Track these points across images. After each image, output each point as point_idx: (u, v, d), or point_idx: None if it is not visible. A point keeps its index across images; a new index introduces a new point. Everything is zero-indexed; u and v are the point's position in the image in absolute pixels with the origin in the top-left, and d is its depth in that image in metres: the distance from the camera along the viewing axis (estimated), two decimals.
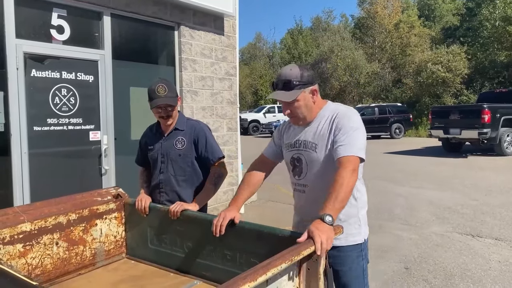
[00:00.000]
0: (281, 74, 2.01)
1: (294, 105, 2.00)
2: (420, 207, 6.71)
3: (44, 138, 4.11)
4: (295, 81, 1.96)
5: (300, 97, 1.98)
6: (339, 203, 1.73)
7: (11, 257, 2.14)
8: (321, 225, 1.65)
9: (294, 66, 2.02)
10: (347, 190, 1.78)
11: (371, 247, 4.82)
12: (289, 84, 1.96)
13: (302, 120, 2.06)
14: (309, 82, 2.00)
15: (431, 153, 14.13)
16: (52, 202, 2.39)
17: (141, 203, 2.51)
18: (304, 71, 1.99)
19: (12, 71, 3.86)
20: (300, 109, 2.01)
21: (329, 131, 1.99)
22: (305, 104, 2.01)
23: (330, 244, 1.64)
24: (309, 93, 2.01)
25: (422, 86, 26.80)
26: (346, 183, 1.78)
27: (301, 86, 1.97)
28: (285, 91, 1.98)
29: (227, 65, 6.30)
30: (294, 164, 2.13)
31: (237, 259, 2.15)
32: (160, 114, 2.57)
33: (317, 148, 2.02)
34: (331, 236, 1.64)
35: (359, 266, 2.06)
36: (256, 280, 1.35)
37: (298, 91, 1.97)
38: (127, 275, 2.40)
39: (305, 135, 2.08)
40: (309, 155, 2.04)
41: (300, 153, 2.08)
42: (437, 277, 3.98)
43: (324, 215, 1.68)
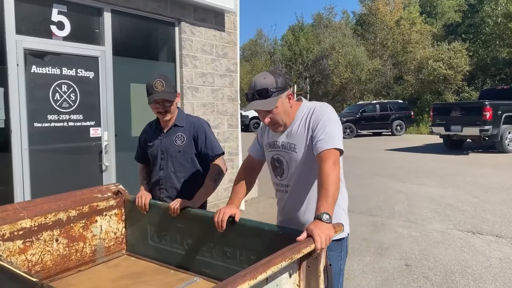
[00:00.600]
0: (256, 84, 1.97)
1: (273, 112, 1.97)
2: (421, 204, 6.70)
3: (44, 134, 4.11)
4: (271, 89, 1.94)
5: (278, 103, 1.97)
6: (331, 198, 1.74)
7: (11, 253, 2.14)
8: (320, 224, 1.65)
9: (267, 74, 2.00)
10: (334, 183, 1.78)
11: (372, 244, 4.85)
12: (266, 93, 1.94)
13: (282, 126, 2.05)
14: (284, 87, 1.99)
15: (432, 150, 14.11)
16: (52, 199, 2.38)
17: (141, 200, 2.50)
18: (278, 77, 1.98)
19: (13, 67, 3.85)
20: (280, 115, 2.00)
21: (306, 129, 2.00)
22: (284, 109, 2.00)
23: (329, 242, 1.64)
24: (286, 98, 2.00)
25: (424, 83, 26.75)
26: (331, 176, 1.79)
27: (277, 92, 1.96)
28: (263, 99, 1.95)
29: (228, 61, 6.28)
30: (274, 165, 2.14)
31: (237, 256, 2.14)
32: (158, 109, 2.55)
33: (296, 148, 2.02)
34: (330, 235, 1.65)
35: (337, 266, 2.05)
36: (256, 278, 1.34)
37: (276, 98, 1.95)
38: (127, 271, 2.40)
39: (284, 137, 2.08)
40: (289, 156, 2.05)
41: (280, 154, 2.09)
42: (437, 274, 3.98)
43: (321, 214, 1.68)
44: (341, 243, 2.06)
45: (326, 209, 1.70)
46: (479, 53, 26.75)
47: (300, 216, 2.06)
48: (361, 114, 20.30)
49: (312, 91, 35.34)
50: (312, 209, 1.88)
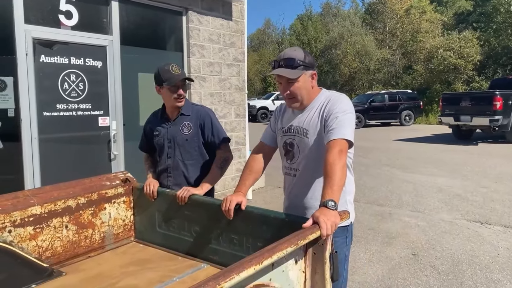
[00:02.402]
0: (285, 53, 2.01)
1: (294, 85, 2.00)
2: (429, 194, 6.68)
3: (53, 123, 4.15)
4: (298, 61, 1.97)
5: (301, 78, 1.99)
6: (336, 186, 1.74)
7: (22, 239, 2.18)
8: (325, 211, 1.66)
9: (298, 48, 2.05)
10: (340, 172, 1.78)
11: (379, 233, 4.85)
12: (292, 63, 1.96)
13: (299, 102, 2.06)
14: (311, 65, 2.02)
15: (441, 140, 14.00)
16: (61, 186, 2.41)
17: (149, 187, 2.53)
18: (306, 55, 2.01)
19: (22, 56, 3.88)
20: (300, 90, 2.01)
21: (320, 116, 2.01)
22: (305, 86, 2.02)
23: (334, 229, 1.65)
24: (309, 76, 2.03)
25: (433, 72, 26.44)
26: (336, 165, 1.78)
27: (303, 67, 1.98)
28: (288, 69, 1.97)
29: (235, 50, 6.26)
30: (286, 149, 2.15)
31: (244, 243, 2.16)
32: (177, 92, 2.56)
33: (308, 133, 2.04)
34: (336, 222, 1.66)
35: (342, 252, 2.06)
36: (261, 263, 1.36)
37: (300, 71, 1.98)
38: (136, 258, 2.43)
39: (298, 121, 2.10)
40: (300, 140, 2.07)
41: (292, 138, 2.11)
42: (444, 263, 3.98)
43: (326, 201, 1.68)
44: (346, 229, 2.07)
45: (331, 196, 1.70)
46: (490, 42, 26.31)
47: (306, 201, 2.07)
48: (370, 104, 20.16)
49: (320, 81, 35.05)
50: (318, 196, 1.89)
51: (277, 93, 27.41)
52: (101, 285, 2.07)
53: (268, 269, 1.52)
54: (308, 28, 40.42)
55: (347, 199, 2.09)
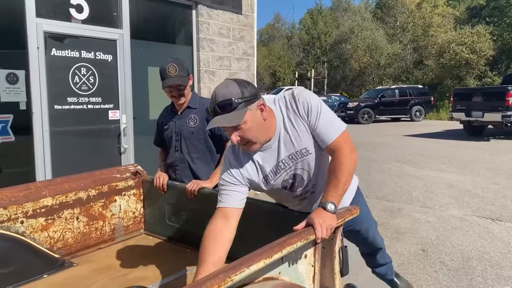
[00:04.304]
0: (217, 95, 1.61)
1: (243, 128, 1.63)
2: (439, 190, 6.62)
3: (64, 116, 4.18)
4: (236, 99, 1.59)
5: (247, 117, 1.62)
6: (341, 190, 1.66)
7: (34, 230, 2.21)
8: (322, 213, 1.59)
9: (230, 82, 1.65)
10: (348, 174, 1.69)
11: (388, 229, 4.82)
12: (230, 105, 1.59)
13: (258, 144, 1.72)
14: (253, 96, 1.64)
15: (452, 136, 13.87)
16: (72, 178, 2.44)
17: (159, 180, 2.55)
18: (243, 86, 1.64)
19: (33, 50, 3.91)
20: (252, 131, 1.65)
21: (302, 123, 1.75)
22: (256, 124, 1.65)
23: (330, 233, 1.59)
24: (257, 109, 1.66)
25: (445, 67, 26.16)
26: (346, 166, 1.68)
27: (245, 103, 1.61)
28: (227, 114, 1.60)
29: (245, 44, 6.24)
30: (289, 184, 1.88)
31: (253, 237, 2.16)
32: (171, 93, 2.59)
33: (308, 149, 1.78)
34: (332, 224, 1.59)
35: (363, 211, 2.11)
36: (271, 257, 1.36)
37: (243, 110, 1.61)
38: (146, 250, 2.45)
39: (284, 150, 1.79)
40: (305, 162, 1.82)
41: (292, 169, 1.83)
42: (454, 259, 3.95)
43: (326, 203, 1.61)
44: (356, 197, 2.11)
45: (333, 199, 1.62)
46: (503, 37, 25.95)
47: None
48: (380, 99, 20.02)
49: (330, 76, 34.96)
50: None
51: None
52: (111, 276, 2.09)
53: (277, 263, 1.52)
54: (318, 23, 40.18)
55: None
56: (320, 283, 1.79)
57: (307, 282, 1.71)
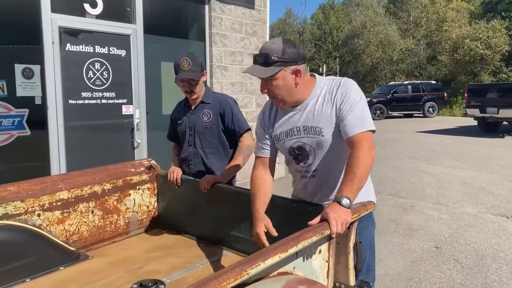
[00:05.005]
0: (262, 48, 1.78)
1: (272, 83, 1.76)
2: (452, 187, 6.55)
3: (78, 111, 4.22)
4: (274, 57, 1.71)
5: (279, 75, 1.74)
6: (357, 185, 1.64)
7: (50, 223, 2.24)
8: (337, 208, 1.57)
9: (278, 40, 1.77)
10: (365, 170, 1.67)
11: (401, 225, 4.79)
12: (267, 59, 1.72)
13: (281, 102, 1.84)
14: (292, 60, 1.74)
15: (466, 132, 13.69)
16: (87, 172, 2.46)
17: (173, 175, 2.56)
18: (288, 47, 1.74)
19: (48, 45, 3.95)
20: (279, 89, 1.77)
21: (331, 108, 1.81)
22: (285, 84, 1.77)
23: (345, 227, 1.58)
24: (291, 73, 1.76)
25: (459, 63, 25.78)
26: (363, 162, 1.67)
27: (281, 63, 1.72)
28: (262, 66, 1.74)
29: (257, 40, 6.22)
30: (295, 153, 1.95)
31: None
32: (184, 88, 2.60)
33: (323, 131, 1.83)
34: (347, 220, 1.57)
35: (367, 238, 2.00)
36: (287, 251, 1.36)
37: (277, 68, 1.72)
38: (160, 244, 2.47)
39: (304, 120, 1.86)
40: (314, 140, 1.86)
41: (301, 140, 1.89)
42: (468, 257, 3.91)
43: (341, 197, 1.59)
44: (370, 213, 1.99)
45: (349, 194, 1.60)
46: None
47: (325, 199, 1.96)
48: (392, 95, 19.83)
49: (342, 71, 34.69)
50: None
51: None
52: (126, 269, 2.11)
53: (292, 257, 1.52)
54: (330, 18, 39.87)
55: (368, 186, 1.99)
56: (334, 279, 1.79)
57: (321, 278, 1.71)
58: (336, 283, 1.79)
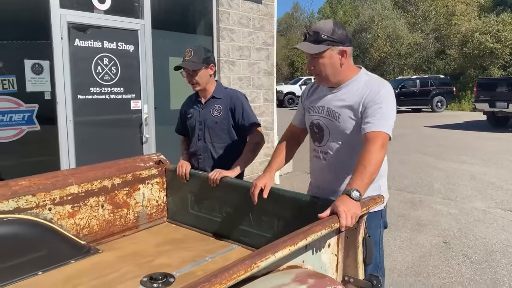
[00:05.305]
0: (314, 25, 1.91)
1: (318, 61, 1.89)
2: (461, 182, 6.51)
3: (87, 106, 4.25)
4: (323, 35, 1.84)
5: (326, 54, 1.87)
6: (367, 179, 1.67)
7: (61, 217, 2.26)
8: (347, 201, 1.59)
9: (329, 21, 1.91)
10: (376, 165, 1.72)
11: (409, 220, 4.78)
12: (317, 37, 1.85)
13: (325, 80, 1.96)
14: (340, 41, 1.87)
15: (475, 127, 13.57)
16: (97, 167, 2.48)
17: (182, 169, 2.58)
18: (337, 28, 1.87)
19: (57, 40, 3.97)
20: (324, 67, 1.89)
21: (358, 103, 1.89)
22: (331, 63, 1.89)
23: (354, 221, 1.59)
24: (337, 53, 1.88)
25: (468, 57, 25.50)
26: (375, 158, 1.71)
27: (329, 42, 1.85)
28: (311, 43, 1.87)
29: (265, 34, 6.21)
30: (313, 130, 2.08)
31: (274, 226, 2.17)
32: (186, 78, 2.64)
33: (340, 118, 1.94)
34: (357, 213, 1.59)
35: (377, 234, 2.05)
36: (296, 244, 1.37)
37: (325, 46, 1.85)
38: (169, 238, 2.49)
39: (330, 102, 1.98)
40: (331, 124, 1.97)
41: (321, 120, 2.01)
42: (477, 252, 3.89)
43: (351, 190, 1.61)
44: (379, 213, 2.04)
45: (359, 187, 1.63)
46: None
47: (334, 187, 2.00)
48: (400, 89, 19.66)
49: None
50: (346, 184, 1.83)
51: (304, 78, 27.14)
52: (136, 263, 2.13)
53: (301, 251, 1.53)
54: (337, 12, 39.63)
55: (380, 183, 2.04)
56: (343, 273, 1.79)
57: (330, 271, 1.71)
58: (345, 277, 1.79)
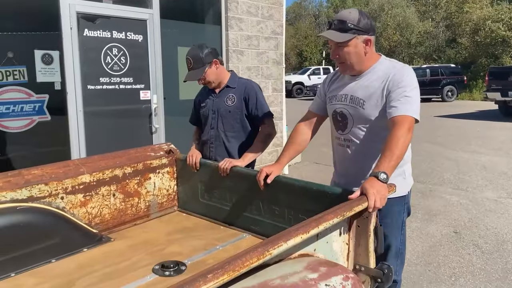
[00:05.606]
0: (339, 14, 1.95)
1: (343, 49, 1.91)
2: (472, 171, 6.45)
3: (97, 96, 4.26)
4: (350, 24, 1.87)
5: (351, 42, 1.89)
6: (394, 161, 1.69)
7: (73, 206, 2.28)
8: (375, 183, 1.61)
9: (355, 10, 1.94)
10: (402, 149, 1.73)
11: (419, 210, 4.76)
12: (343, 26, 1.88)
13: (349, 68, 1.98)
14: (365, 30, 1.90)
15: (486, 117, 13.41)
16: (108, 156, 2.50)
17: (192, 158, 2.58)
18: (362, 17, 1.90)
19: (66, 30, 3.98)
20: (349, 55, 1.92)
21: (383, 87, 1.91)
22: (356, 51, 1.91)
23: (384, 202, 1.61)
24: (362, 42, 1.91)
25: (479, 46, 25.13)
26: (401, 142, 1.73)
27: (355, 31, 1.88)
28: (337, 32, 1.90)
29: (274, 23, 6.16)
30: (336, 119, 2.08)
31: (285, 215, 2.17)
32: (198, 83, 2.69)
33: (365, 104, 1.95)
34: (385, 195, 1.62)
35: (400, 219, 2.06)
36: (308, 232, 1.36)
37: (351, 35, 1.88)
38: (180, 226, 2.50)
39: (353, 90, 2.00)
40: (355, 111, 1.98)
41: (345, 108, 2.02)
42: (488, 242, 3.87)
43: (379, 172, 1.64)
44: (403, 198, 2.05)
45: (386, 169, 1.65)
46: None
47: (359, 175, 2.01)
48: None
49: None
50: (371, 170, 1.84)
51: (313, 68, 26.97)
52: (147, 251, 2.15)
53: (313, 239, 1.53)
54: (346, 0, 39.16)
55: (405, 168, 2.05)
56: (354, 261, 1.79)
57: (341, 260, 1.71)
58: (356, 266, 1.79)
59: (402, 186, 2.04)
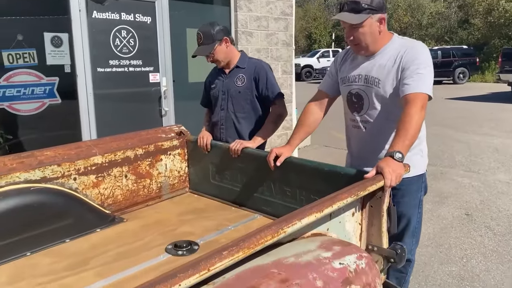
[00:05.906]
0: None
1: (358, 30, 1.88)
2: (484, 154, 6.39)
3: (107, 79, 4.25)
4: (364, 4, 1.83)
5: (366, 22, 1.86)
6: (409, 140, 1.68)
7: (85, 187, 2.30)
8: (391, 162, 1.61)
9: None
10: (416, 127, 1.71)
11: (431, 192, 4.73)
12: (357, 7, 1.84)
13: (364, 49, 1.95)
14: (378, 8, 1.87)
15: (499, 99, 13.20)
16: (120, 137, 2.50)
17: (203, 140, 2.58)
18: None
19: (75, 13, 3.95)
20: (364, 36, 1.89)
21: (396, 66, 1.89)
22: (371, 32, 1.88)
23: (399, 181, 1.61)
24: (377, 21, 1.89)
25: (492, 26, 24.58)
26: (415, 120, 1.71)
27: (369, 11, 1.85)
28: (351, 13, 1.86)
29: (283, 4, 6.06)
30: (351, 100, 2.06)
31: (297, 196, 2.17)
32: (207, 60, 2.67)
33: (380, 83, 1.93)
34: (401, 173, 1.61)
35: (417, 198, 2.07)
36: (322, 211, 1.36)
37: (366, 15, 1.85)
38: (191, 207, 2.52)
39: (368, 70, 1.97)
40: (371, 91, 1.96)
41: (360, 88, 2.00)
42: (500, 224, 3.84)
43: (394, 152, 1.63)
44: (420, 177, 2.07)
45: (401, 148, 1.64)
46: None
47: (375, 155, 1.99)
48: None
49: None
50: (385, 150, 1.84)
51: (322, 51, 26.64)
52: (160, 231, 2.17)
53: (326, 219, 1.52)
54: None
55: (421, 147, 2.06)
56: (367, 241, 1.79)
57: (354, 240, 1.71)
58: (369, 246, 1.79)
59: (420, 164, 2.05)
